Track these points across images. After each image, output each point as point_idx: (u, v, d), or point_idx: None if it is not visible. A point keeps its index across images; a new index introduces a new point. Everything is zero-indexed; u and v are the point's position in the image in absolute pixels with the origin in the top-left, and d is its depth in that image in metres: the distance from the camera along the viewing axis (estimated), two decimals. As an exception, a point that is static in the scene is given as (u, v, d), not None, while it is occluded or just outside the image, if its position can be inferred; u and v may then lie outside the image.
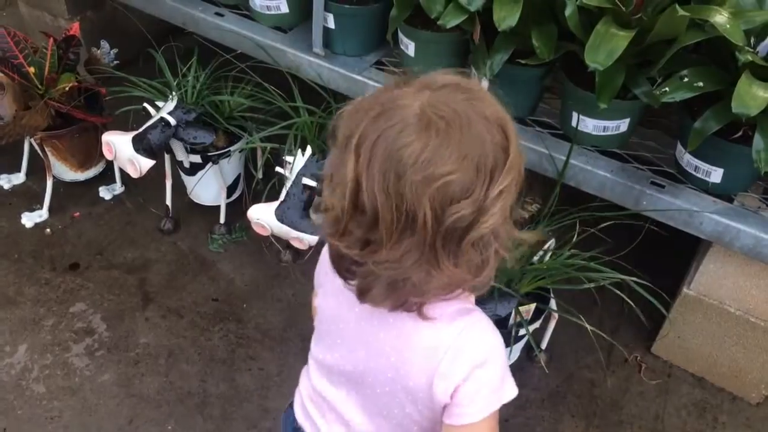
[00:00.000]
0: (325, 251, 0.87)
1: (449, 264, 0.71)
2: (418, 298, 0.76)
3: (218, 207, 1.96)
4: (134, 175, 1.71)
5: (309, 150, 1.65)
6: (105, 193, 2.04)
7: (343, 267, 0.78)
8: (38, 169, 2.04)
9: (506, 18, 1.24)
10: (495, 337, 0.82)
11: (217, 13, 1.80)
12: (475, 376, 0.79)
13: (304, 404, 0.98)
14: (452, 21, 1.34)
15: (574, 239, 1.45)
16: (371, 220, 0.70)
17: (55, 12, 2.25)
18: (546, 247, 1.51)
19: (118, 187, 2.05)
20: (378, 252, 0.71)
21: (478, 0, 1.31)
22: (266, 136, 1.74)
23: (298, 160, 1.65)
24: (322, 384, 0.94)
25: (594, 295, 1.52)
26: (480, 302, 1.33)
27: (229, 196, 1.96)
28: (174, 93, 1.77)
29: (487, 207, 0.69)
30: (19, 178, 2.05)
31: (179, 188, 1.97)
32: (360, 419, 0.90)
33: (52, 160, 1.92)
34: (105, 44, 1.86)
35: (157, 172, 1.83)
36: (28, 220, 1.95)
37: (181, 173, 1.93)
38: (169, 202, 1.95)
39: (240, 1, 1.81)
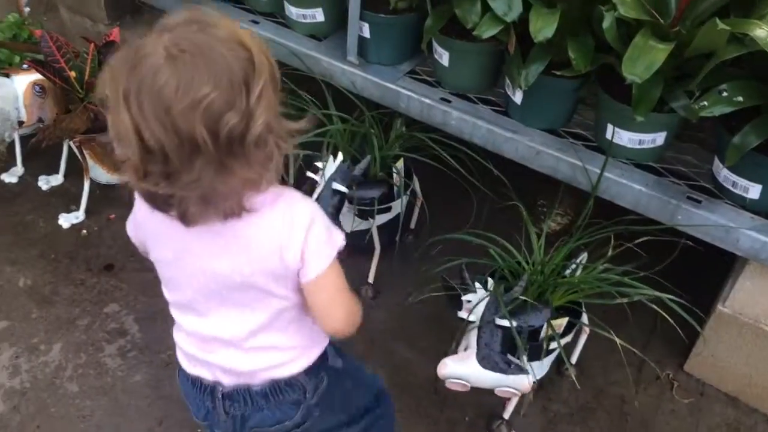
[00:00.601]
0: (133, 212, 1.00)
1: (241, 167, 0.83)
2: (233, 202, 0.87)
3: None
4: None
5: (340, 156, 1.66)
6: (140, 195, 2.07)
7: (159, 203, 0.88)
8: (75, 171, 2.08)
9: (543, 29, 1.24)
10: (309, 202, 0.97)
11: (253, 21, 1.82)
12: (310, 236, 0.93)
13: (188, 355, 1.08)
14: (488, 31, 1.34)
15: (609, 254, 1.43)
16: (162, 156, 0.80)
17: (95, 17, 2.30)
18: (578, 260, 1.50)
19: (153, 190, 2.08)
20: (179, 178, 0.82)
21: (514, 11, 1.31)
22: (299, 143, 1.74)
23: (329, 166, 1.66)
24: (192, 323, 1.03)
25: (626, 310, 1.50)
26: (513, 314, 1.33)
27: (261, 201, 1.97)
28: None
29: (253, 111, 0.80)
30: (57, 179, 2.10)
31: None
32: (239, 329, 1.01)
33: (90, 162, 1.95)
34: (144, 50, 1.89)
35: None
36: (65, 221, 1.99)
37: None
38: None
39: (276, 9, 1.83)
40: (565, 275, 1.48)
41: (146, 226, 0.98)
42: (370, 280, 1.85)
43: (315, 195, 1.65)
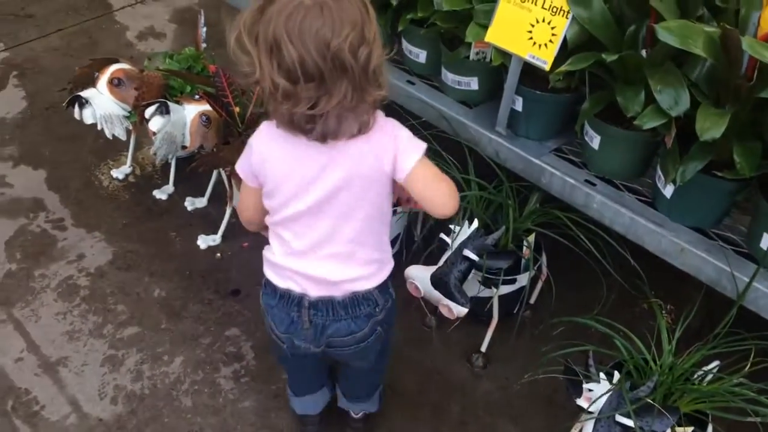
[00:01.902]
0: (249, 152, 1.21)
1: (371, 88, 1.09)
2: (359, 121, 1.11)
3: (374, 261, 2.02)
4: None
5: (476, 223, 1.68)
6: (273, 229, 2.17)
7: (299, 129, 1.11)
8: (219, 197, 2.22)
9: (710, 129, 1.22)
10: (394, 120, 1.20)
11: (409, 81, 1.89)
12: (398, 141, 1.17)
13: (281, 270, 1.27)
14: (650, 123, 1.33)
15: (747, 368, 1.35)
16: (319, 82, 1.05)
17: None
18: (710, 368, 1.42)
19: (285, 226, 2.17)
20: (330, 100, 1.06)
21: (681, 106, 1.29)
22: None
23: (462, 231, 1.68)
24: (297, 235, 1.23)
25: (760, 429, 1.40)
26: (637, 413, 1.28)
27: (386, 252, 2.01)
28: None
29: (372, 46, 1.07)
30: (202, 202, 2.24)
31: (341, 237, 2.06)
32: (339, 237, 1.21)
33: (235, 191, 2.07)
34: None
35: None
36: (203, 242, 2.11)
37: (346, 223, 2.02)
38: (329, 248, 2.04)
39: (432, 73, 1.90)
40: (694, 382, 1.41)
41: (270, 155, 1.18)
42: (483, 349, 1.83)
43: (444, 258, 1.68)
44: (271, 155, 1.18)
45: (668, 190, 1.47)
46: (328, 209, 1.19)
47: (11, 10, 3.15)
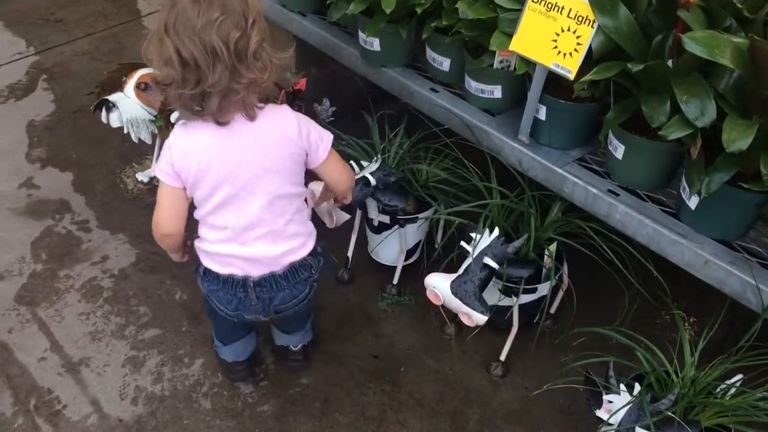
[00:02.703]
0: (170, 151, 1.33)
1: (246, 71, 1.24)
2: (246, 99, 1.28)
3: (394, 268, 2.02)
4: (330, 225, 1.82)
5: (496, 231, 1.68)
6: (294, 234, 2.18)
7: (194, 106, 1.27)
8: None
9: (737, 141, 1.20)
10: (300, 114, 1.40)
11: (432, 89, 1.90)
12: (311, 128, 1.39)
13: (220, 257, 1.41)
14: (675, 134, 1.32)
15: (771, 382, 1.33)
16: (194, 66, 1.21)
17: (285, 65, 2.48)
18: (732, 381, 1.40)
19: (306, 231, 2.18)
20: (207, 80, 1.22)
21: (707, 117, 1.28)
22: (456, 211, 1.79)
23: (483, 239, 1.68)
24: (230, 220, 1.37)
25: (783, 445, 1.38)
26: (657, 427, 1.27)
27: (406, 259, 2.02)
28: (378, 156, 1.87)
29: (249, 31, 1.23)
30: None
31: (362, 243, 2.07)
32: (270, 216, 1.37)
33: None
34: (326, 102, 2.02)
35: (344, 224, 1.93)
36: (225, 245, 2.13)
37: (368, 230, 2.03)
38: (350, 254, 2.05)
39: (455, 81, 1.90)
40: (717, 396, 1.39)
41: (191, 148, 1.32)
42: (502, 357, 1.83)
43: (464, 265, 1.67)
44: (191, 147, 1.32)
45: (693, 202, 1.45)
46: (254, 190, 1.34)
47: (41, 14, 3.21)
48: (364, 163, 1.88)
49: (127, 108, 2.04)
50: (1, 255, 2.08)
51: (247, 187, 1.34)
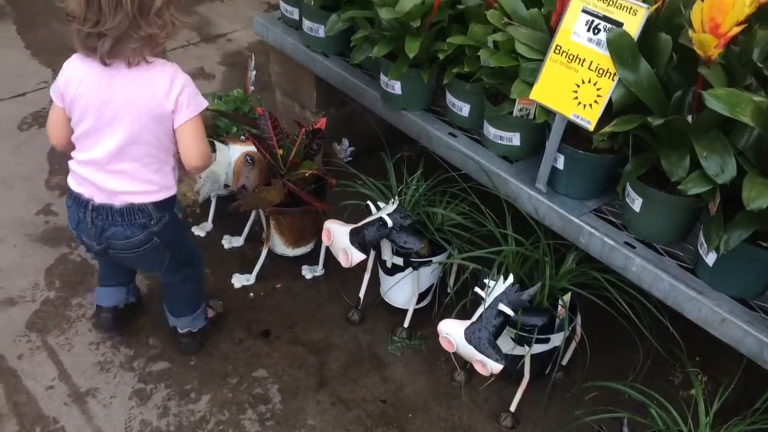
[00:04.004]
0: (60, 74, 1.50)
1: (145, 24, 1.39)
2: (137, 48, 1.41)
3: (405, 311, 2.01)
4: (344, 264, 1.82)
5: (511, 278, 1.67)
6: (307, 272, 2.18)
7: (89, 44, 1.41)
8: (256, 237, 2.25)
9: (757, 199, 1.20)
10: (186, 76, 1.50)
11: (450, 133, 1.91)
12: (184, 92, 1.48)
13: (76, 176, 1.56)
14: (694, 189, 1.32)
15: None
16: (97, 7, 1.35)
17: (305, 104, 2.52)
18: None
19: (319, 270, 2.18)
20: (106, 23, 1.36)
21: (727, 174, 1.28)
22: (471, 256, 1.78)
23: (498, 285, 1.67)
24: (86, 147, 1.52)
25: None
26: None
27: (418, 302, 2.01)
28: (396, 198, 1.88)
29: None
30: (239, 241, 2.27)
31: (374, 284, 2.06)
32: (115, 154, 1.50)
33: (272, 232, 2.10)
34: (345, 142, 2.04)
35: (358, 264, 1.93)
36: (237, 281, 2.13)
37: (381, 271, 2.02)
38: (362, 294, 2.04)
39: (474, 126, 1.91)
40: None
41: (74, 76, 1.47)
42: (512, 408, 1.80)
43: (478, 312, 1.66)
44: (74, 75, 1.48)
45: (710, 258, 1.44)
46: (115, 129, 1.48)
47: (67, 43, 3.27)
48: (381, 204, 1.89)
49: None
50: (15, 280, 2.09)
51: (109, 125, 1.48)
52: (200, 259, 1.86)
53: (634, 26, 1.42)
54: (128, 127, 1.48)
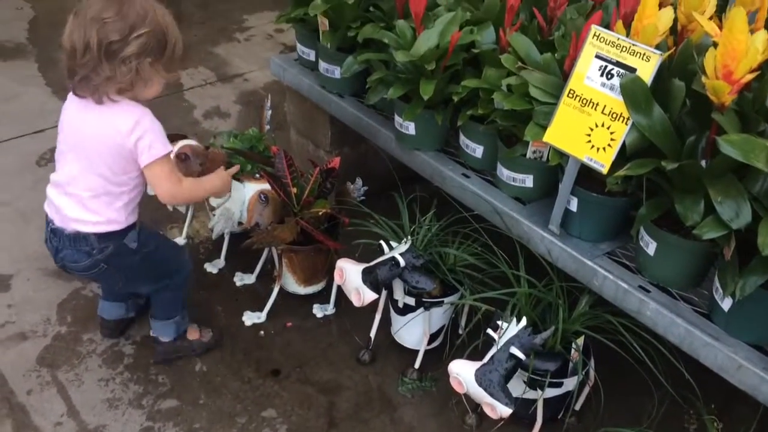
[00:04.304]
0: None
1: (109, 70, 1.51)
2: (101, 89, 1.53)
3: (416, 351, 1.99)
4: (357, 303, 1.81)
5: (524, 321, 1.66)
6: (318, 310, 2.18)
7: (67, 78, 1.56)
8: (267, 275, 2.26)
9: (773, 244, 1.19)
10: (152, 119, 1.61)
11: (464, 174, 1.92)
12: (145, 136, 1.58)
13: (47, 197, 1.69)
14: (710, 234, 1.31)
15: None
16: (72, 47, 1.51)
17: (319, 144, 2.55)
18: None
19: (330, 308, 2.18)
20: (75, 61, 1.51)
21: (742, 219, 1.28)
22: (484, 297, 1.77)
23: (510, 328, 1.66)
24: (56, 170, 1.66)
25: None
26: None
27: (429, 343, 1.99)
28: (408, 237, 1.89)
29: (130, 41, 1.49)
30: (250, 278, 2.27)
31: (385, 324, 2.05)
32: (77, 183, 1.62)
33: (284, 271, 2.10)
34: (359, 181, 2.06)
35: (369, 304, 1.92)
36: (248, 318, 2.12)
37: (392, 311, 2.01)
38: (373, 334, 2.03)
39: (487, 167, 1.92)
40: None
41: (66, 102, 1.64)
42: (524, 453, 1.77)
43: (489, 354, 1.65)
44: (67, 102, 1.63)
45: (726, 303, 1.43)
46: (76, 157, 1.60)
47: (89, 83, 3.34)
48: (394, 244, 1.89)
49: (165, 177, 2.08)
50: (27, 315, 2.09)
51: (73, 151, 1.61)
52: (180, 271, 1.89)
53: (647, 72, 1.44)
54: (88, 159, 1.59)
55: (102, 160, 1.59)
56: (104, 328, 2.02)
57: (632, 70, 1.46)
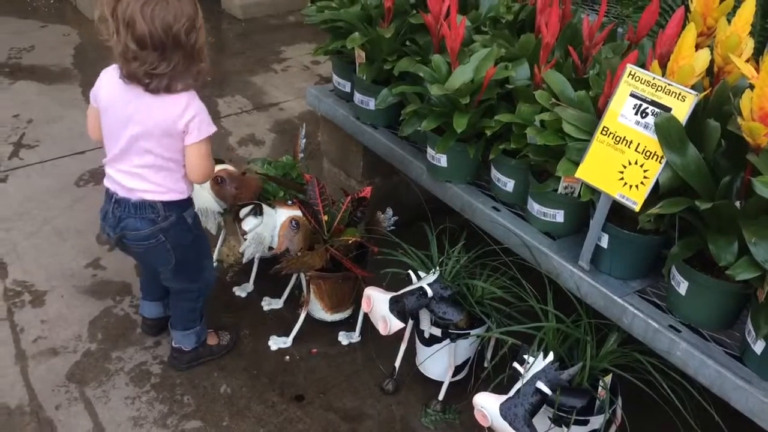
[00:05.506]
0: (98, 81, 1.72)
1: (196, 60, 1.62)
2: (183, 83, 1.64)
3: (441, 383, 1.99)
4: (383, 331, 1.82)
5: (551, 356, 1.64)
6: (343, 338, 2.18)
7: (138, 81, 1.61)
8: (295, 300, 2.27)
9: (808, 286, 1.18)
10: (200, 102, 1.69)
11: (494, 207, 1.93)
12: (196, 118, 1.66)
13: (107, 176, 1.77)
14: (743, 274, 1.30)
15: None
16: (161, 51, 1.57)
17: (351, 173, 2.58)
18: None
19: (356, 336, 2.18)
20: (168, 65, 1.59)
21: (776, 261, 1.27)
22: (511, 331, 1.77)
23: (537, 362, 1.65)
24: (114, 152, 1.73)
25: None
26: None
27: (454, 375, 1.98)
28: (437, 268, 1.89)
29: (198, 33, 1.61)
30: (278, 303, 2.29)
31: (410, 354, 2.05)
32: (135, 161, 1.71)
33: (312, 297, 2.11)
34: (389, 211, 2.08)
35: (395, 333, 1.92)
36: (274, 343, 2.14)
37: (417, 341, 2.01)
38: (397, 364, 2.03)
39: (518, 201, 1.93)
40: None
41: (106, 84, 1.69)
42: (548, 492, 1.74)
43: (515, 388, 1.64)
44: (105, 84, 1.69)
45: (759, 346, 1.41)
46: (129, 138, 1.67)
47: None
48: (422, 274, 1.90)
49: (200, 198, 2.13)
50: (59, 331, 2.13)
51: (124, 133, 1.67)
52: (206, 282, 1.96)
53: (682, 112, 1.45)
54: (144, 140, 1.67)
55: (156, 142, 1.67)
56: (145, 326, 2.14)
57: (667, 109, 1.47)
